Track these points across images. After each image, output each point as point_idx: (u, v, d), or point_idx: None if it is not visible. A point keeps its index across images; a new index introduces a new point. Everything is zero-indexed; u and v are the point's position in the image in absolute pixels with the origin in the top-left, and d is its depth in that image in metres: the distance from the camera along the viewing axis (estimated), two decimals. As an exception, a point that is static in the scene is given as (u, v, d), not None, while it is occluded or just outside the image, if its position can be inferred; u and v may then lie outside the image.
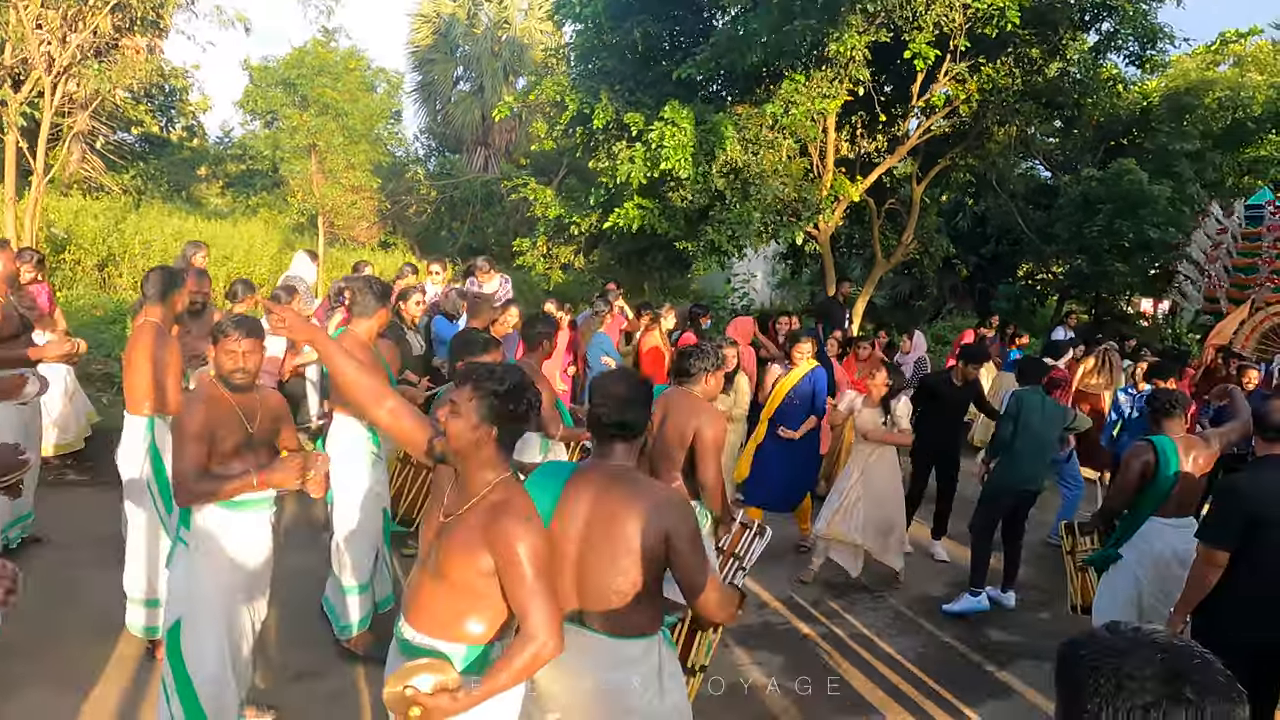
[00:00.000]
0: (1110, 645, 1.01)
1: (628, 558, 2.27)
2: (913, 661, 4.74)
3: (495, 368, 2.23)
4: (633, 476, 2.40)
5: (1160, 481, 4.04)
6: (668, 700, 2.38)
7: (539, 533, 2.13)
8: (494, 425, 2.15)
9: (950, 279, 18.61)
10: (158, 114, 19.37)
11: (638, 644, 2.34)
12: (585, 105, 10.54)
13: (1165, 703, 0.95)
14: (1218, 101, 14.63)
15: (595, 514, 2.33)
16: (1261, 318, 9.65)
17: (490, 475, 2.19)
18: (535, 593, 2.09)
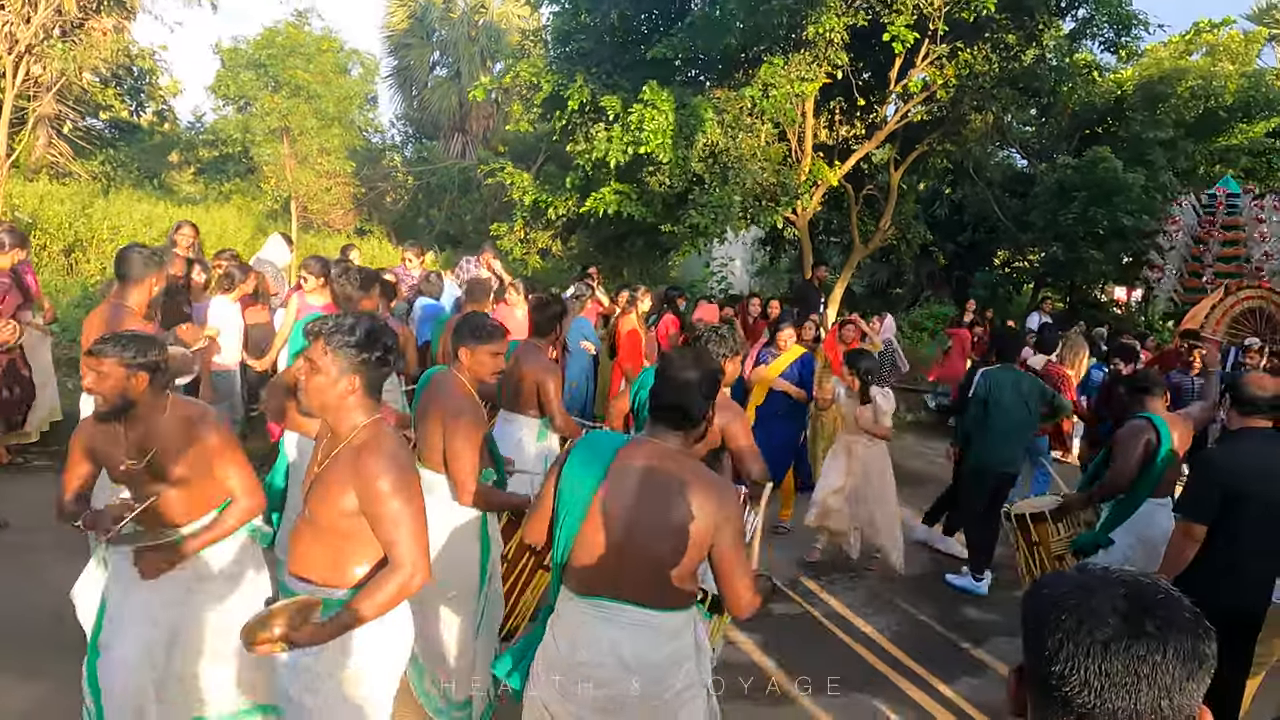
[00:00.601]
0: (1076, 583, 0.99)
1: (678, 537, 2.18)
2: (889, 640, 4.75)
3: (343, 320, 2.25)
4: (689, 459, 2.31)
5: (1159, 461, 4.00)
6: (703, 671, 2.39)
7: (404, 466, 2.19)
8: (355, 375, 2.22)
9: (928, 266, 18.71)
10: (126, 98, 19.00)
11: (678, 616, 2.29)
12: (561, 87, 10.45)
13: (1126, 638, 0.93)
14: (1190, 90, 14.75)
15: (646, 489, 2.22)
16: (1232, 302, 9.77)
17: (359, 418, 2.25)
18: (399, 522, 2.14)
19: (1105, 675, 0.92)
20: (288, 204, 14.22)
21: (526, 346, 4.30)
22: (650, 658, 2.24)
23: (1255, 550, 3.37)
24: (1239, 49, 17.14)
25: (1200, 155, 15.27)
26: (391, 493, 2.14)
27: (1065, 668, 0.94)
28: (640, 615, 2.23)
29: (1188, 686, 0.93)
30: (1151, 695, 0.92)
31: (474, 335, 3.35)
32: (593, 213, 10.59)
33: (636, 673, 2.23)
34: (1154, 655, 0.92)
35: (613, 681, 2.24)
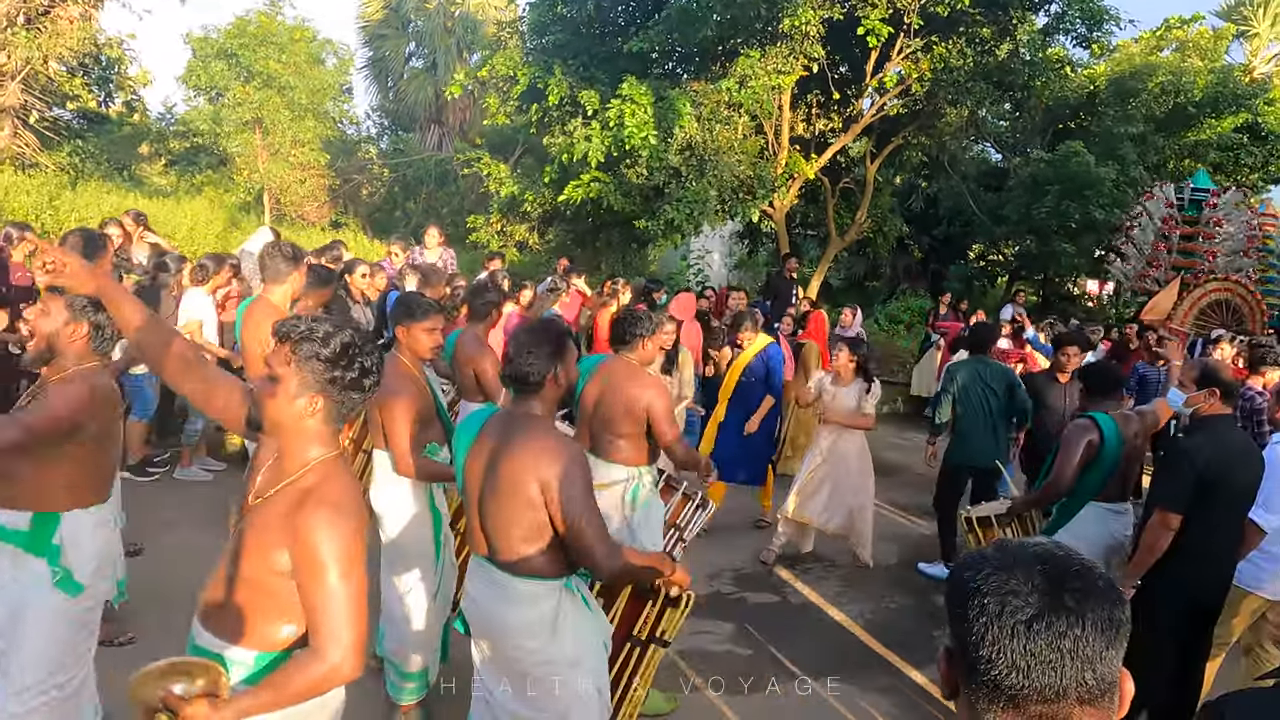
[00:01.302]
0: (994, 564, 1.00)
1: (516, 501, 2.32)
2: (863, 627, 4.80)
3: (318, 324, 1.84)
4: (528, 423, 2.42)
5: (1102, 462, 3.82)
6: (562, 647, 2.43)
7: (353, 530, 1.78)
8: (319, 395, 1.81)
9: (904, 259, 18.85)
10: (94, 88, 18.64)
11: (534, 584, 2.40)
12: (539, 80, 10.40)
13: (1047, 615, 0.94)
14: (1160, 86, 14.96)
15: (494, 457, 2.39)
16: (1200, 294, 9.92)
17: (313, 453, 1.85)
18: (332, 600, 1.71)
19: (1030, 655, 0.94)
20: (260, 196, 14.05)
21: (464, 335, 4.37)
22: (502, 618, 2.42)
23: (1225, 537, 3.43)
24: (1208, 45, 17.41)
25: (1170, 150, 15.49)
26: (330, 562, 1.71)
27: (991, 651, 0.95)
28: (498, 576, 2.42)
29: (1107, 655, 0.95)
30: (1075, 668, 0.93)
31: (408, 314, 3.43)
32: (569, 205, 10.56)
33: (491, 629, 2.46)
34: (1074, 629, 0.94)
35: (483, 635, 2.50)
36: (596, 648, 2.55)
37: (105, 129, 18.69)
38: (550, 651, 2.41)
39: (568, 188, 10.33)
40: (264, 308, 4.00)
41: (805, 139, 12.62)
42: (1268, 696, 1.55)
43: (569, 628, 2.44)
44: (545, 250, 13.44)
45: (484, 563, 2.47)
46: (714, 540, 5.81)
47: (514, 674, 2.46)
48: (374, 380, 1.92)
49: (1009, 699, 0.96)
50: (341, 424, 1.93)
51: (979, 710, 0.99)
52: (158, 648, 2.16)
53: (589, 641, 2.52)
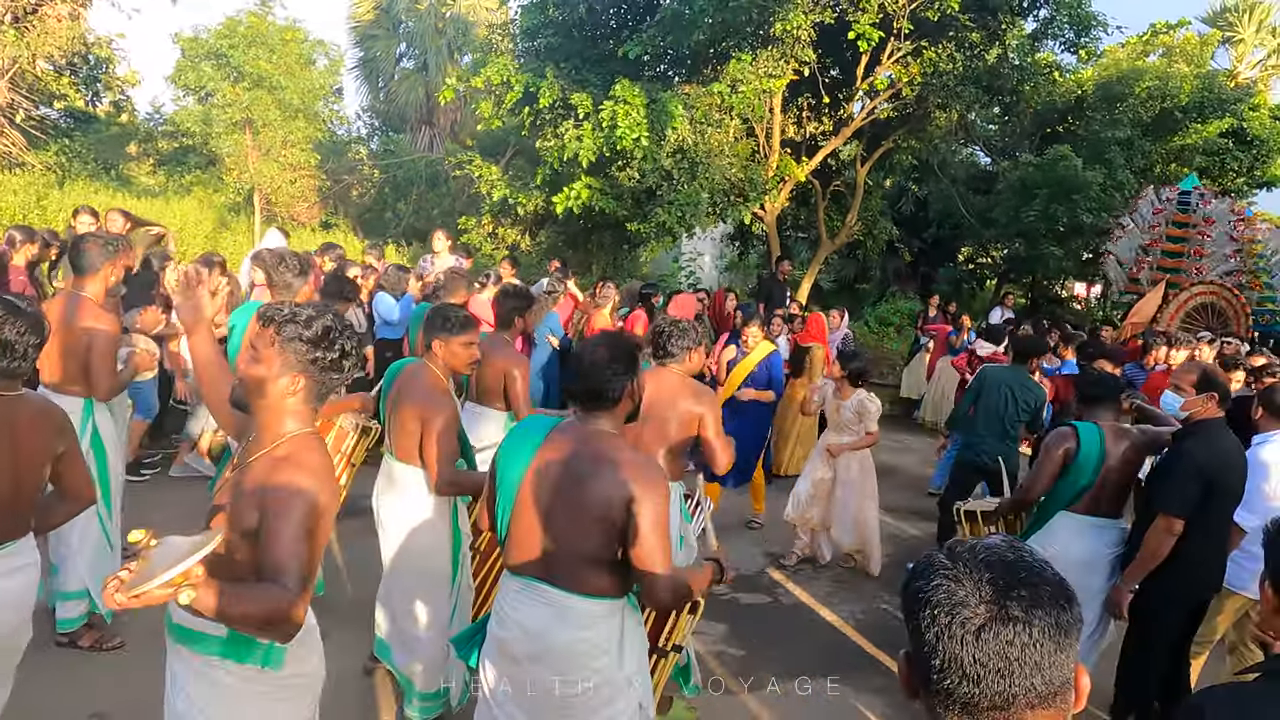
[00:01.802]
0: (943, 574, 1.01)
1: (593, 521, 2.21)
2: (855, 628, 4.83)
3: (301, 309, 1.97)
4: (608, 440, 2.31)
5: (1075, 472, 3.70)
6: (625, 667, 2.34)
7: (324, 494, 1.88)
8: (301, 375, 1.93)
9: (893, 262, 18.95)
10: (82, 87, 18.52)
11: (601, 604, 2.29)
12: (532, 85, 10.41)
13: (994, 624, 0.96)
14: (1147, 91, 15.09)
15: (566, 473, 2.26)
16: (1186, 297, 10.03)
17: (290, 426, 1.96)
18: (291, 546, 1.79)
19: (979, 663, 0.95)
20: (250, 197, 13.98)
21: (492, 339, 4.27)
22: (558, 639, 2.26)
23: (1219, 539, 3.47)
24: (1194, 51, 17.57)
25: (1157, 154, 15.63)
26: (297, 513, 1.81)
27: (943, 660, 0.97)
28: (557, 596, 2.27)
29: (1057, 658, 0.96)
30: (1024, 674, 0.95)
31: (446, 327, 3.34)
32: (563, 205, 10.57)
33: (543, 653, 2.28)
34: (1021, 637, 0.95)
35: (527, 660, 2.30)
36: (645, 664, 2.49)
37: (92, 128, 18.57)
38: (612, 672, 2.31)
39: (558, 197, 10.34)
40: None
41: (796, 142, 12.68)
42: (1248, 691, 1.58)
43: (630, 645, 2.38)
44: (537, 252, 13.44)
45: (535, 583, 2.30)
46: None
47: (554, 699, 2.30)
48: (353, 362, 2.03)
49: (962, 705, 0.98)
50: (320, 404, 2.03)
51: (937, 714, 1.01)
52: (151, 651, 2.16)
53: (642, 658, 2.46)
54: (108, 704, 3.36)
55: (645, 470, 2.24)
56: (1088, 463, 3.67)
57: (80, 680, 3.54)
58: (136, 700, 2.84)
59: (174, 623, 1.99)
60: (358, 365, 2.07)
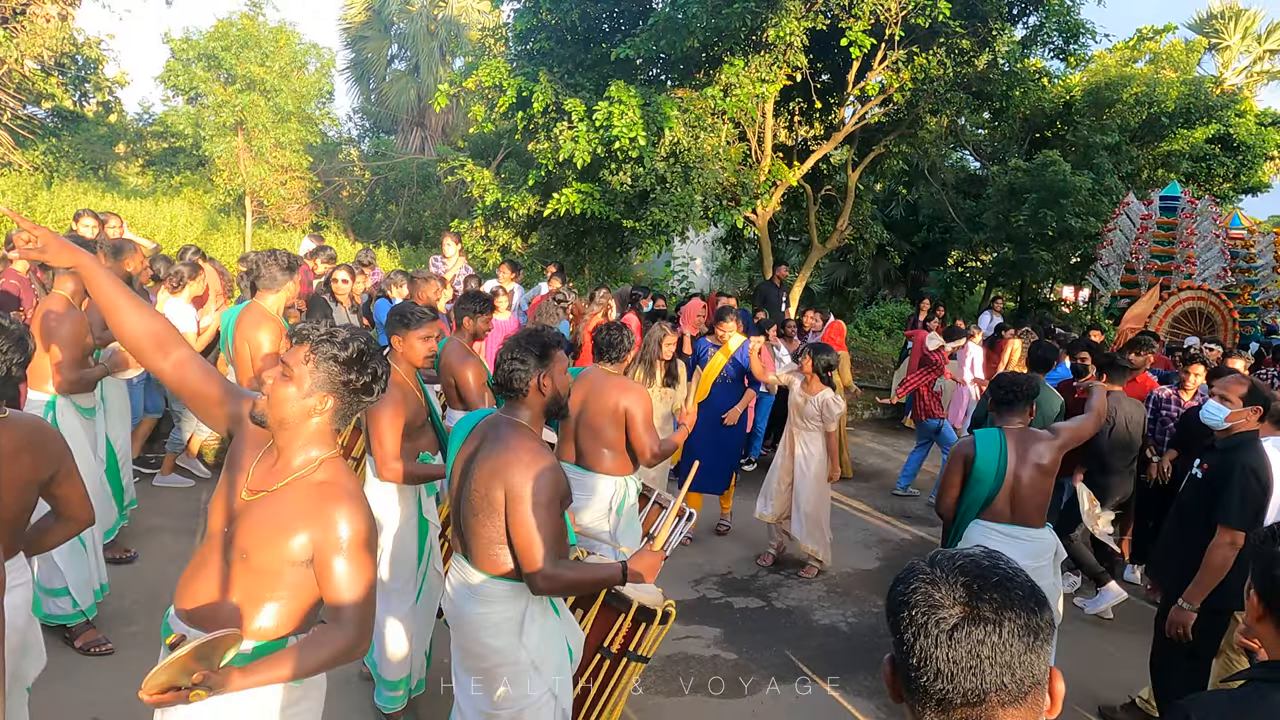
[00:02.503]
0: (922, 578, 1.07)
1: (485, 505, 2.40)
2: (844, 631, 4.86)
3: (338, 330, 1.98)
4: (508, 430, 2.46)
5: (977, 481, 3.63)
6: (526, 648, 2.48)
7: (369, 520, 1.93)
8: (330, 395, 1.94)
9: (884, 266, 19.05)
10: (70, 87, 18.40)
11: (504, 584, 2.46)
12: (525, 89, 10.42)
13: (966, 624, 1.02)
14: (1134, 97, 15.26)
15: (471, 461, 2.47)
16: (1174, 302, 10.12)
17: (315, 452, 1.95)
18: (357, 585, 1.87)
19: (953, 662, 1.01)
20: (241, 199, 13.94)
21: (449, 343, 4.36)
22: (466, 612, 2.49)
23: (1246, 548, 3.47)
24: (1180, 57, 17.76)
25: (1144, 160, 15.80)
26: (356, 549, 1.87)
27: (919, 659, 1.03)
28: (469, 573, 2.50)
29: (1026, 658, 1.02)
30: (995, 673, 1.00)
31: (403, 322, 3.44)
32: (554, 211, 10.58)
33: (459, 624, 2.53)
34: (991, 637, 1.01)
35: (456, 630, 2.57)
36: (560, 652, 2.57)
37: (81, 128, 18.46)
38: (513, 652, 2.46)
39: (551, 201, 10.35)
40: (257, 314, 4.00)
41: (788, 146, 12.74)
42: (1233, 697, 1.60)
43: (535, 630, 2.50)
44: (529, 255, 13.44)
45: (461, 561, 2.55)
46: (697, 546, 5.88)
47: (478, 670, 2.53)
48: (381, 387, 2.04)
49: (938, 703, 1.03)
50: (343, 426, 2.03)
51: (916, 714, 1.07)
52: (143, 652, 2.16)
53: (553, 645, 2.55)
54: (107, 705, 3.36)
55: (525, 456, 2.35)
56: (988, 470, 3.59)
57: (79, 681, 3.54)
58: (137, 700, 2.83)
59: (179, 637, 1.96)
60: (384, 390, 2.06)
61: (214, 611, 1.91)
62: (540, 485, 2.32)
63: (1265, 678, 1.57)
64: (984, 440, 3.64)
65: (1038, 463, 3.60)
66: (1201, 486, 3.58)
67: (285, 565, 1.88)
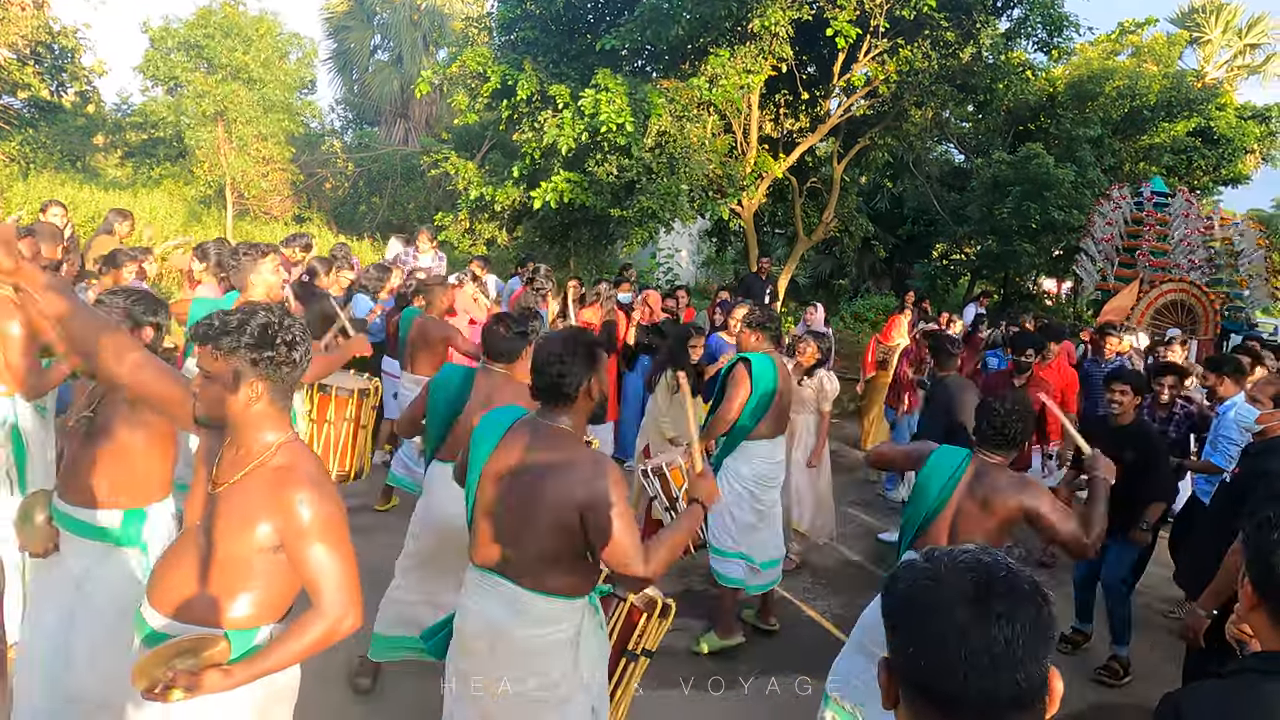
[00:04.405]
0: (925, 575, 1.03)
1: (547, 523, 2.20)
2: (832, 622, 4.87)
3: (229, 318, 1.90)
4: (561, 439, 2.29)
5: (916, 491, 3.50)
6: (578, 667, 2.32)
7: (332, 498, 1.91)
8: (256, 379, 1.89)
9: (869, 259, 19.08)
10: (47, 77, 18.11)
11: (558, 603, 2.27)
12: (509, 77, 10.34)
13: (978, 621, 0.98)
14: (1116, 90, 15.35)
15: (522, 472, 2.26)
16: (1156, 294, 10.20)
17: (270, 436, 1.94)
18: (328, 564, 1.88)
19: (965, 662, 0.97)
20: (222, 190, 13.79)
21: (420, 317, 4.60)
22: (514, 635, 2.25)
23: None
24: (1162, 51, 17.88)
25: (1126, 153, 15.90)
26: (320, 530, 1.86)
27: (927, 660, 0.99)
28: (514, 592, 2.25)
29: (1036, 656, 0.99)
30: (1008, 672, 0.97)
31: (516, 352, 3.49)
32: (541, 201, 10.52)
33: (499, 647, 2.26)
34: (1004, 634, 0.97)
35: (486, 654, 2.29)
36: (602, 667, 2.48)
37: (58, 119, 18.18)
38: (567, 671, 2.29)
39: (537, 191, 10.29)
40: None
41: (773, 139, 12.73)
42: (1222, 688, 1.59)
43: (588, 648, 2.36)
44: (514, 248, 13.38)
45: (493, 576, 2.30)
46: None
47: (515, 695, 2.27)
48: (305, 349, 1.97)
49: (945, 703, 0.99)
50: (289, 400, 1.99)
51: (920, 717, 1.02)
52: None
53: (598, 661, 2.44)
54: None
55: (598, 471, 2.20)
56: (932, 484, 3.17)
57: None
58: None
59: (157, 633, 1.93)
60: (309, 350, 1.99)
61: (189, 604, 1.91)
62: (619, 492, 2.19)
63: (1258, 668, 1.56)
64: (943, 454, 3.17)
65: (986, 499, 2.99)
66: (1231, 490, 3.52)
67: (254, 554, 1.88)
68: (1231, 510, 3.42)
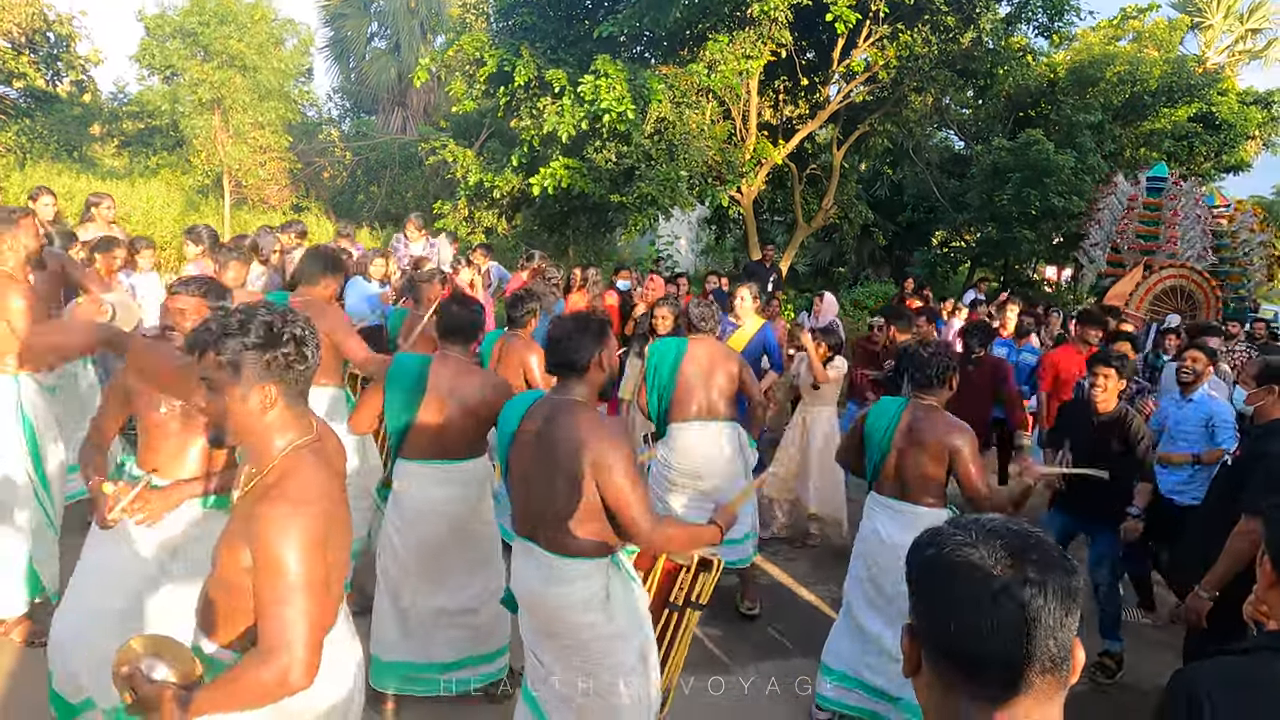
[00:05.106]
0: (955, 540, 1.03)
1: (562, 484, 2.41)
2: (830, 606, 4.87)
3: (226, 320, 1.74)
4: (571, 408, 2.48)
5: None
6: (613, 621, 2.51)
7: (311, 526, 1.66)
8: (268, 383, 1.74)
9: (869, 246, 19.02)
10: (43, 66, 18.02)
11: (581, 564, 2.47)
12: (506, 63, 10.28)
13: (1012, 586, 0.98)
14: (1118, 76, 15.27)
15: (539, 440, 2.48)
16: (1155, 280, 10.18)
17: (279, 443, 1.78)
18: (283, 602, 1.61)
19: (997, 625, 0.97)
20: (219, 179, 13.75)
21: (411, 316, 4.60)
22: (548, 595, 2.49)
23: None
24: (1164, 36, 17.78)
25: (1127, 139, 15.83)
26: (283, 562, 1.62)
27: (958, 624, 0.99)
28: (543, 557, 2.50)
29: (1067, 623, 0.99)
30: (1040, 637, 0.97)
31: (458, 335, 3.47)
32: (540, 189, 10.48)
33: (538, 607, 2.55)
34: (1037, 600, 0.97)
35: (529, 614, 2.60)
36: (642, 618, 2.64)
37: (54, 108, 18.11)
38: (602, 627, 2.50)
39: (536, 178, 10.25)
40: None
41: (772, 125, 12.68)
42: (1235, 665, 1.56)
43: (618, 603, 2.53)
44: (513, 236, 13.34)
45: (529, 544, 2.55)
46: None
47: (563, 647, 2.54)
48: (314, 344, 1.82)
49: (974, 668, 0.99)
50: (303, 400, 1.84)
51: (944, 684, 1.02)
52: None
53: (635, 613, 2.60)
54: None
55: (599, 427, 2.43)
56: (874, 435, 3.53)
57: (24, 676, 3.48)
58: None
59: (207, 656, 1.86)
60: (318, 345, 1.84)
61: (201, 612, 1.89)
62: (626, 454, 2.40)
63: (1273, 645, 1.54)
64: (882, 403, 3.59)
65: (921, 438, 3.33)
66: (1232, 473, 3.48)
67: (239, 574, 1.73)
68: (1232, 492, 3.36)
